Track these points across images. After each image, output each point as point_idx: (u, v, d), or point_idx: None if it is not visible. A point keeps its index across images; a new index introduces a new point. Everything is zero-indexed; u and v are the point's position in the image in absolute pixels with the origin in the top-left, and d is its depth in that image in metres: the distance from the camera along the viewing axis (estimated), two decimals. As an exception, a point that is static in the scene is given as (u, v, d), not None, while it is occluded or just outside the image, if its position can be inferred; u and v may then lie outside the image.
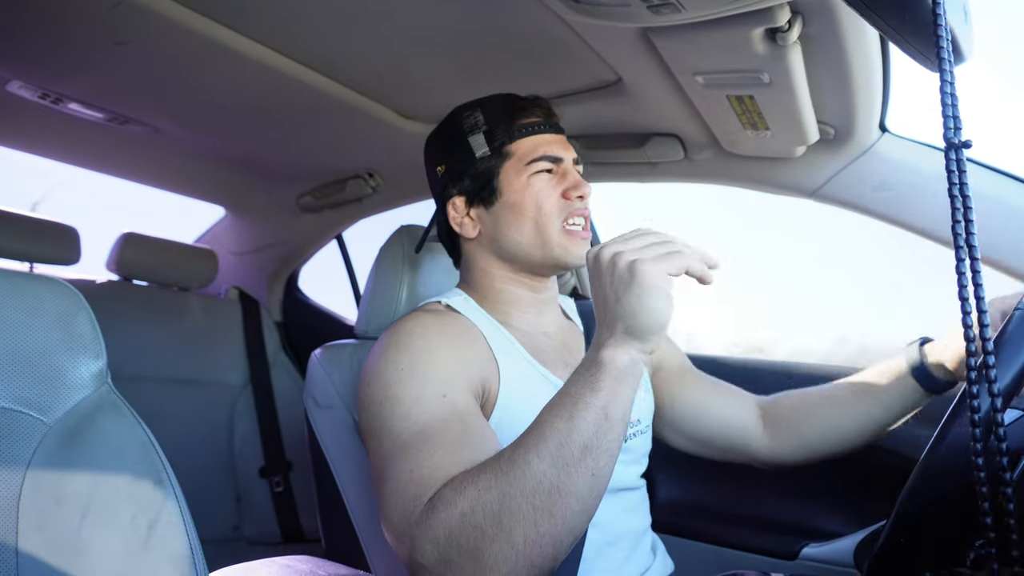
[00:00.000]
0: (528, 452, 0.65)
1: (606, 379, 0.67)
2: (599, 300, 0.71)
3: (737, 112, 1.13)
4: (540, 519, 0.63)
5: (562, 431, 0.65)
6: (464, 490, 0.67)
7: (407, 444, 0.77)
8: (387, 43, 1.19)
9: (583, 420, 0.65)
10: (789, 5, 0.86)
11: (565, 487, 0.64)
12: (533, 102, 1.03)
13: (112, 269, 2.05)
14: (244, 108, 1.49)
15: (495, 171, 1.00)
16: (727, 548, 1.35)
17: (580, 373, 0.69)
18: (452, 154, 1.03)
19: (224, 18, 1.12)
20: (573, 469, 0.64)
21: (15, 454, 0.62)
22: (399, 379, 0.84)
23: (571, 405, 0.66)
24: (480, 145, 1.00)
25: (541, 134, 1.01)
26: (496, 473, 0.66)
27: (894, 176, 1.21)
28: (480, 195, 1.01)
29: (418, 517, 0.69)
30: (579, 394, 0.67)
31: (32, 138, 1.77)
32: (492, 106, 1.03)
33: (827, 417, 1.07)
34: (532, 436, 0.67)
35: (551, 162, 1.00)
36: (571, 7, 0.91)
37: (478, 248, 1.04)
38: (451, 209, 1.04)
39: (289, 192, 2.09)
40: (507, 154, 1.00)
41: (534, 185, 0.99)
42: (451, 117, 1.06)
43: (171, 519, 0.65)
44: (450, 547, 0.65)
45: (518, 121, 1.01)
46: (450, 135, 1.04)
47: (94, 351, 0.69)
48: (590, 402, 0.66)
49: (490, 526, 0.64)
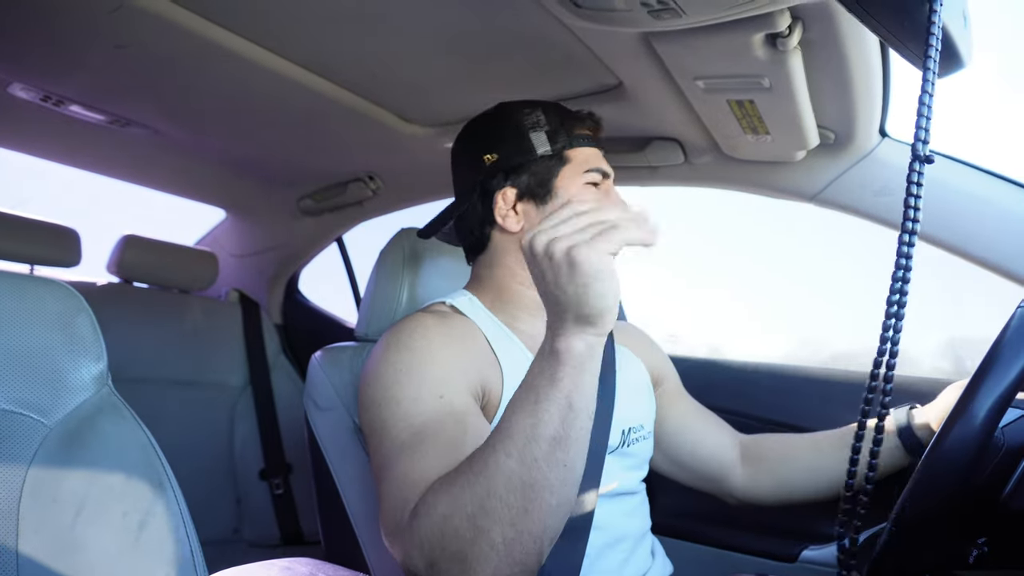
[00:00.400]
0: (496, 452, 0.65)
1: (565, 368, 0.65)
2: (542, 290, 0.67)
3: (737, 116, 1.14)
4: (516, 517, 0.63)
5: (527, 426, 0.64)
6: (440, 495, 0.67)
7: (404, 445, 0.78)
8: (387, 46, 1.19)
9: (547, 413, 0.64)
10: (789, 10, 0.87)
11: (537, 482, 0.63)
12: (589, 115, 1.06)
13: (113, 271, 2.05)
14: (245, 111, 1.50)
15: (554, 172, 1.01)
16: (727, 551, 1.35)
17: (538, 366, 0.67)
18: (509, 146, 1.02)
19: (225, 21, 1.12)
20: (543, 463, 0.63)
21: (16, 456, 0.62)
22: (397, 380, 0.85)
23: (534, 400, 0.65)
24: (542, 143, 1.01)
25: (593, 147, 1.05)
26: (468, 475, 0.66)
27: (896, 181, 1.22)
28: (535, 192, 1.01)
29: (406, 523, 0.70)
30: (540, 387, 0.65)
31: (33, 140, 1.77)
32: (550, 110, 1.04)
33: (808, 462, 1.11)
34: (499, 435, 0.66)
35: (602, 176, 1.03)
36: (572, 12, 0.91)
37: (513, 244, 1.03)
38: (500, 199, 1.02)
39: (289, 195, 2.09)
40: (566, 159, 1.02)
41: (586, 193, 1.01)
42: (507, 110, 1.06)
43: (171, 521, 0.65)
44: (434, 551, 0.66)
45: (577, 129, 1.03)
46: (508, 127, 1.04)
47: (95, 353, 0.69)
48: (552, 395, 0.64)
49: (467, 529, 0.64)
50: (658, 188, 1.54)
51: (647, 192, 1.59)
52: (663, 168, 1.45)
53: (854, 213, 1.28)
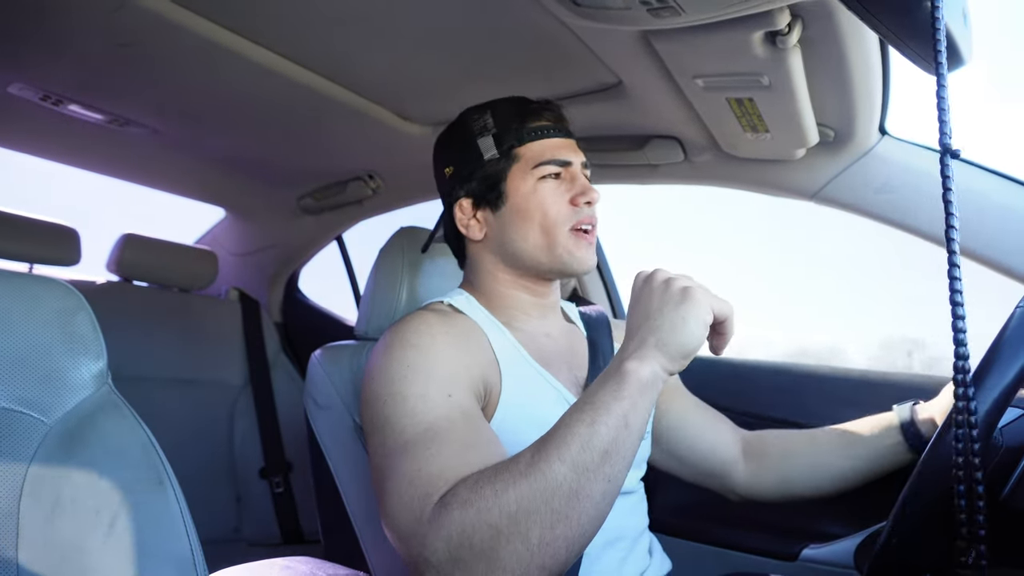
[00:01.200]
0: (550, 455, 0.66)
1: (630, 388, 0.68)
2: (637, 313, 0.74)
3: (737, 115, 1.14)
4: (557, 521, 0.64)
5: (584, 436, 0.66)
6: (481, 489, 0.67)
7: (412, 442, 0.77)
8: (387, 46, 1.19)
9: (604, 426, 0.66)
10: (789, 8, 0.86)
11: (583, 491, 0.65)
12: (543, 106, 1.03)
13: (112, 270, 2.05)
14: (244, 110, 1.49)
15: (503, 174, 1.00)
16: (727, 549, 1.35)
17: (603, 382, 0.71)
18: (460, 155, 1.03)
19: (225, 21, 1.12)
20: (592, 474, 0.65)
21: (16, 454, 0.62)
22: (403, 376, 0.84)
23: (592, 411, 0.67)
24: (488, 147, 1.00)
25: (550, 138, 1.01)
26: (515, 474, 0.66)
27: (896, 178, 1.21)
28: (487, 198, 1.01)
29: (429, 515, 0.69)
30: (603, 401, 0.68)
31: (33, 139, 1.77)
32: (502, 109, 1.02)
33: (808, 459, 1.10)
34: (554, 440, 0.67)
35: (559, 166, 0.99)
36: (571, 10, 0.91)
37: (484, 251, 1.04)
38: (458, 211, 1.03)
39: (289, 193, 2.09)
40: (515, 157, 0.99)
41: (541, 190, 0.98)
42: (461, 119, 1.06)
43: (171, 520, 0.65)
44: (462, 546, 0.65)
45: (528, 124, 1.00)
46: (459, 137, 1.04)
47: (95, 352, 0.69)
48: (613, 409, 0.67)
49: (507, 526, 0.64)
50: (658, 186, 1.55)
51: (647, 190, 1.59)
52: (663, 166, 1.45)
53: (854, 211, 1.27)
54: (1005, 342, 0.74)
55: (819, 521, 1.27)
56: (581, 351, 1.07)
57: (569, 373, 1.01)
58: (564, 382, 0.99)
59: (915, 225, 1.21)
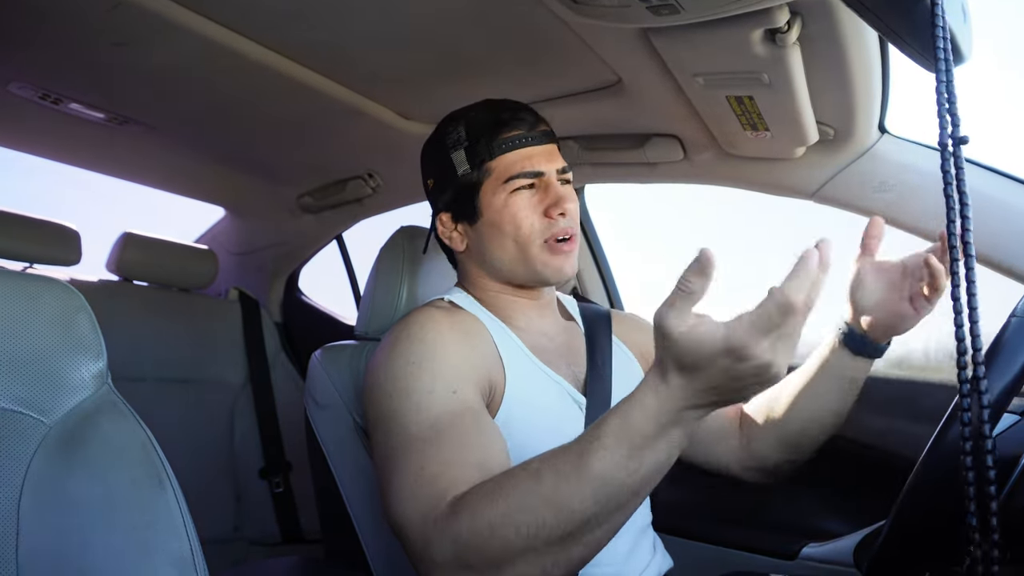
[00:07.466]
0: (583, 488, 0.63)
1: (675, 430, 0.63)
2: (703, 378, 0.61)
3: (736, 113, 1.14)
4: (571, 544, 0.64)
5: (619, 479, 0.63)
6: (495, 502, 0.66)
7: (417, 438, 0.77)
8: (386, 44, 1.19)
9: (638, 469, 0.62)
10: (788, 6, 0.86)
11: (605, 522, 0.65)
12: (516, 114, 0.99)
13: (112, 269, 2.05)
14: (244, 108, 1.49)
15: (476, 189, 0.98)
16: (727, 548, 1.35)
17: (645, 415, 0.63)
18: (437, 169, 1.03)
19: (222, 18, 1.12)
20: (619, 511, 0.65)
21: (15, 455, 0.62)
22: (409, 372, 0.84)
23: (628, 447, 0.62)
24: (461, 162, 0.99)
25: (523, 148, 0.97)
26: (531, 495, 0.65)
27: (895, 177, 1.21)
28: (463, 212, 1.01)
29: (438, 517, 0.69)
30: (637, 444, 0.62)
31: (32, 138, 1.77)
32: (475, 120, 1.00)
33: (792, 403, 1.01)
34: (586, 474, 0.63)
35: (531, 177, 0.97)
36: (571, 8, 0.91)
37: (468, 260, 1.05)
38: (439, 224, 1.04)
39: (289, 193, 2.09)
40: (487, 171, 0.98)
41: (512, 204, 0.96)
42: (438, 130, 1.05)
43: (171, 520, 0.65)
44: (470, 553, 0.66)
45: (499, 136, 0.97)
46: (436, 150, 1.04)
47: (94, 351, 0.69)
48: (646, 458, 0.63)
49: (521, 541, 0.64)
50: (657, 185, 1.54)
51: (646, 189, 1.59)
52: (662, 165, 1.45)
53: (854, 210, 1.27)
54: (1004, 343, 0.74)
55: (819, 519, 1.27)
56: (579, 346, 1.07)
57: (568, 368, 1.01)
58: (564, 377, 0.99)
59: (914, 223, 1.21)
